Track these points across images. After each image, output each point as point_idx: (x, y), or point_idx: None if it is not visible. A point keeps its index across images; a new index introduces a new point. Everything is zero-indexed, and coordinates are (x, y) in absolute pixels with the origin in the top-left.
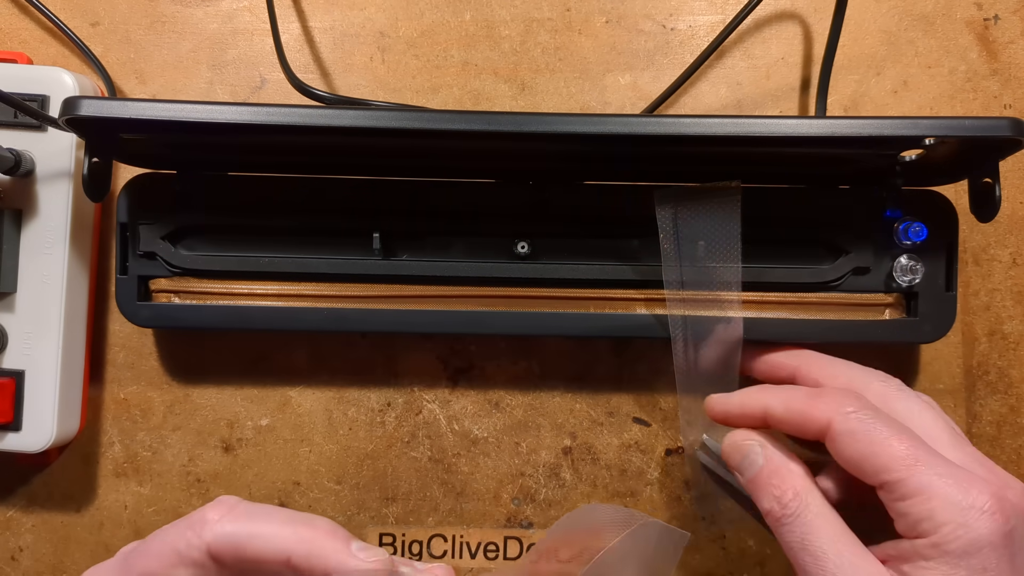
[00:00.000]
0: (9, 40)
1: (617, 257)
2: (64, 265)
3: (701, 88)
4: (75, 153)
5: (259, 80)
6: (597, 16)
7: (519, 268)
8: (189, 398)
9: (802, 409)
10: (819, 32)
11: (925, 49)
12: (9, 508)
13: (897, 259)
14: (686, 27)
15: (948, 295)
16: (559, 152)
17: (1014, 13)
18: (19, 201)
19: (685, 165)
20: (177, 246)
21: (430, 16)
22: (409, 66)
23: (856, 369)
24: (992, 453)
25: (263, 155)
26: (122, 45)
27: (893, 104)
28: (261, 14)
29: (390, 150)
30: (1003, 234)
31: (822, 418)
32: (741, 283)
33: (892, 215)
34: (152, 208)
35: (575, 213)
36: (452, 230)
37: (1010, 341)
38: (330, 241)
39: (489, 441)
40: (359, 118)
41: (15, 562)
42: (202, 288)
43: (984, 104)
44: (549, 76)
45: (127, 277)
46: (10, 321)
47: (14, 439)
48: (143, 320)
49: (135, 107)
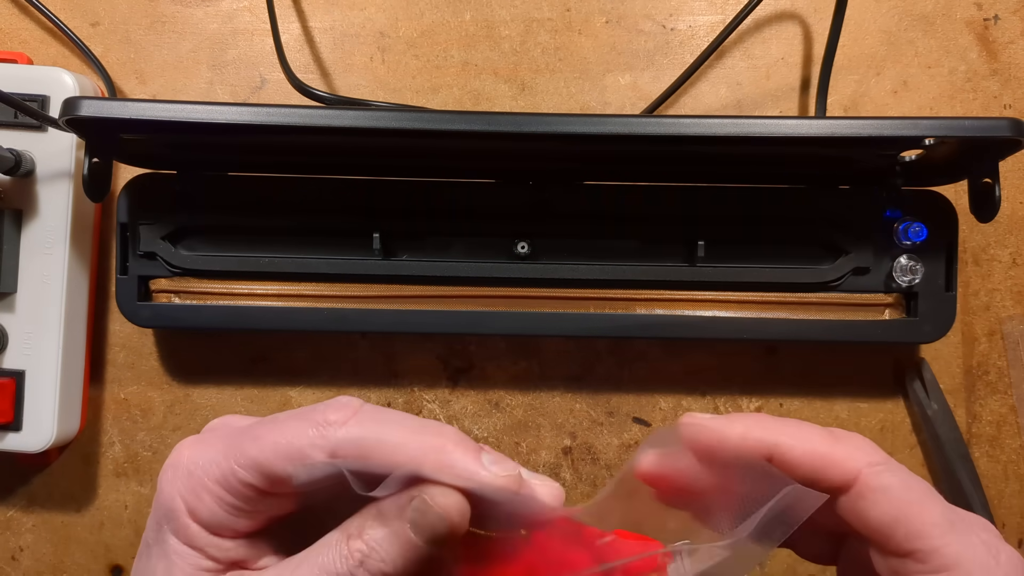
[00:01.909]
0: (9, 40)
1: (617, 257)
2: (64, 265)
3: (701, 88)
4: (75, 153)
5: (259, 80)
6: (597, 16)
7: (519, 268)
8: (189, 398)
9: (824, 453)
10: (819, 32)
11: (925, 49)
12: (9, 508)
13: (897, 259)
14: (686, 27)
15: (948, 295)
16: (559, 152)
17: (1014, 13)
18: (19, 201)
19: (685, 165)
20: (177, 246)
21: (430, 16)
22: (409, 66)
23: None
24: (992, 453)
25: (263, 155)
26: (122, 45)
27: (893, 104)
28: (261, 14)
29: (390, 150)
30: (1003, 234)
31: (851, 468)
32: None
33: (892, 215)
34: (152, 208)
35: (575, 213)
36: (452, 230)
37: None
38: (330, 241)
39: (489, 441)
40: (359, 118)
41: (15, 562)
42: (202, 288)
43: (984, 104)
44: (549, 76)
45: (127, 277)
46: (10, 321)
47: (14, 439)
48: (143, 320)
49: (135, 107)
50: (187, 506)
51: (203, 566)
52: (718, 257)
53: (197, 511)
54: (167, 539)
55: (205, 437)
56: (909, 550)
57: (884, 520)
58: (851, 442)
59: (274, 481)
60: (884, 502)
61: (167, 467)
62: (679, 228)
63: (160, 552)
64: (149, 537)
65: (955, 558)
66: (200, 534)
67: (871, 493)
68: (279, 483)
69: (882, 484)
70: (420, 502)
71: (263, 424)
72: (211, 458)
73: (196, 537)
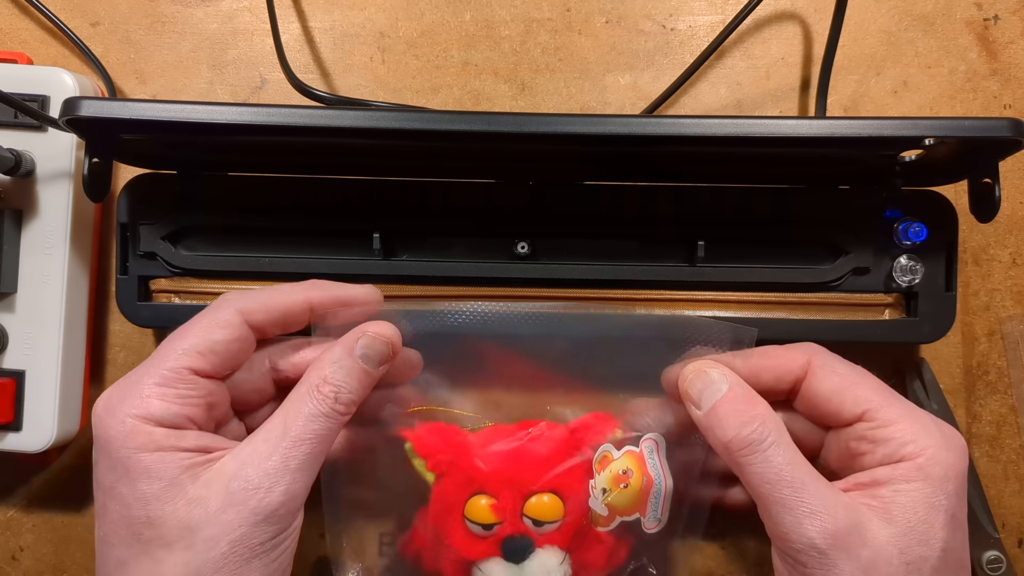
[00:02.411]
0: (9, 40)
1: (617, 257)
2: (64, 265)
3: (701, 88)
4: (75, 153)
5: (259, 80)
6: (597, 16)
7: (519, 268)
8: None
9: (780, 353)
10: (819, 32)
11: (925, 49)
12: (9, 508)
13: (897, 259)
14: (686, 27)
15: (948, 295)
16: (559, 152)
17: (1014, 13)
18: (19, 201)
19: (685, 165)
20: (177, 246)
21: (430, 16)
22: (409, 66)
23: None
24: (992, 453)
25: (263, 155)
26: (122, 45)
27: (893, 104)
28: (261, 14)
29: (390, 150)
30: (1003, 234)
31: (800, 358)
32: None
33: (892, 215)
34: (152, 208)
35: (575, 213)
36: (452, 230)
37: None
38: (330, 241)
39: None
40: (359, 119)
41: (16, 562)
42: (202, 288)
43: (984, 104)
44: (549, 76)
45: (127, 277)
46: (10, 321)
47: (14, 439)
48: (143, 320)
49: (135, 107)
50: (140, 418)
51: (181, 459)
52: (718, 257)
53: (151, 414)
54: (135, 461)
55: (118, 381)
56: (858, 413)
57: (834, 390)
58: (798, 344)
59: (204, 354)
60: (832, 377)
61: (100, 411)
62: (679, 228)
63: (128, 481)
64: (105, 481)
65: (899, 414)
66: (164, 435)
67: (821, 371)
68: (208, 358)
69: (828, 364)
70: (366, 339)
71: (173, 333)
72: (138, 379)
73: (162, 439)
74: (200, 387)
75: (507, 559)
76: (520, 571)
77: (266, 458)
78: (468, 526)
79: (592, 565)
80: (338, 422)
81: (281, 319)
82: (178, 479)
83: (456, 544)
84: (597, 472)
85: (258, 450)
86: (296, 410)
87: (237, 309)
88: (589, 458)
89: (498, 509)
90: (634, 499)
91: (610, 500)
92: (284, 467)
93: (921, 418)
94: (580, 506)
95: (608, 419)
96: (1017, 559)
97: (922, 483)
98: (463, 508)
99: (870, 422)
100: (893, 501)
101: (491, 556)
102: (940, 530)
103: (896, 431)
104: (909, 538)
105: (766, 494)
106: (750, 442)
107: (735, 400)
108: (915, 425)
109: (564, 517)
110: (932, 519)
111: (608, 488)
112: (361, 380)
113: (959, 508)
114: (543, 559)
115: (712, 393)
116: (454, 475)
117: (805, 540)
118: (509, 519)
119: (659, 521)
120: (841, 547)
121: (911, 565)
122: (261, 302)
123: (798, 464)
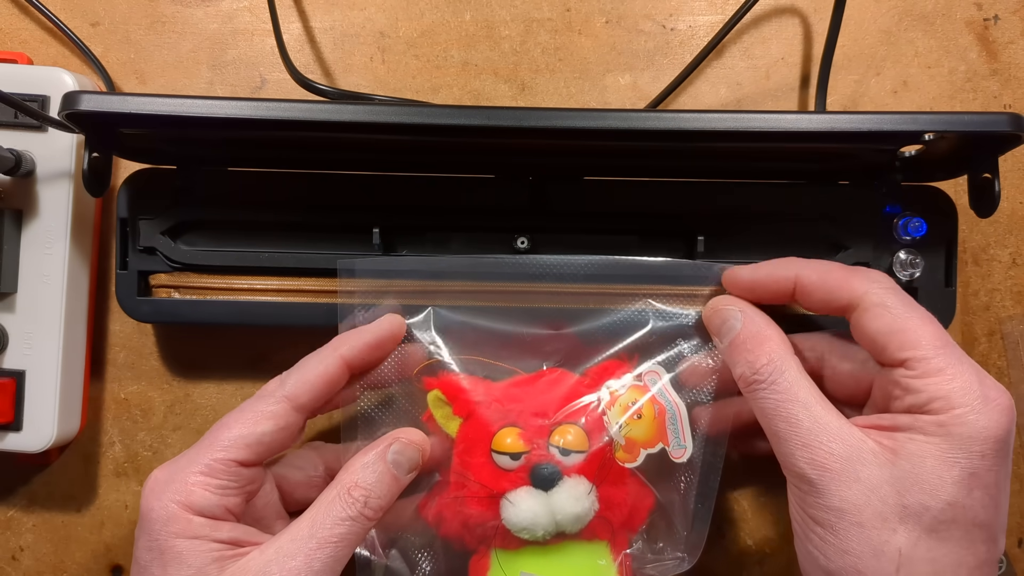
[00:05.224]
0: (9, 40)
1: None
2: (64, 265)
3: (701, 88)
4: (75, 153)
5: (259, 80)
6: (597, 16)
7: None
8: (190, 398)
9: (839, 277)
10: (819, 32)
11: (925, 49)
12: (10, 508)
13: (896, 254)
14: (686, 27)
15: (948, 290)
16: (559, 148)
17: (1014, 13)
18: (19, 201)
19: (684, 161)
20: (177, 241)
21: (430, 16)
22: (409, 66)
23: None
24: None
25: (263, 150)
26: (122, 45)
27: (893, 104)
28: (261, 14)
29: (391, 145)
30: (1003, 234)
31: (858, 288)
32: None
33: (892, 210)
34: (152, 203)
35: (575, 208)
36: (452, 225)
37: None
38: (330, 236)
39: None
40: (359, 113)
41: (16, 562)
42: (202, 283)
43: (984, 104)
44: (549, 76)
45: (127, 272)
46: (10, 321)
47: (14, 439)
48: (143, 315)
49: (135, 102)
50: (181, 505)
51: (212, 549)
52: (718, 252)
53: (192, 503)
54: (170, 545)
55: (168, 462)
56: (901, 359)
57: (881, 331)
58: (863, 272)
59: (252, 445)
60: (883, 315)
61: (147, 492)
62: (678, 223)
63: (160, 563)
64: (142, 559)
65: (942, 367)
66: (201, 525)
67: (873, 308)
68: (255, 448)
69: (883, 301)
70: (398, 445)
71: (221, 422)
72: (185, 464)
73: (199, 528)
74: (242, 477)
75: (536, 487)
76: (549, 498)
77: (290, 557)
78: (496, 459)
79: (617, 504)
80: (364, 527)
81: (326, 391)
82: (205, 569)
83: (485, 479)
84: (608, 408)
85: (283, 549)
86: (325, 512)
87: (283, 396)
88: (604, 397)
89: (526, 437)
90: (651, 428)
91: (627, 432)
92: (307, 568)
93: (965, 375)
94: (602, 441)
95: (622, 362)
96: (1017, 559)
97: (940, 439)
98: (490, 443)
99: (911, 370)
100: (903, 447)
101: (519, 486)
102: (951, 485)
103: (930, 384)
104: (910, 482)
105: (766, 426)
106: (753, 380)
107: (746, 338)
108: (953, 382)
109: (589, 448)
110: (942, 472)
111: (623, 422)
112: (390, 487)
113: (986, 470)
114: (571, 486)
115: (727, 330)
116: (481, 413)
117: (795, 470)
118: (537, 448)
119: (684, 448)
120: (832, 478)
121: (908, 508)
122: (303, 381)
123: (796, 399)
